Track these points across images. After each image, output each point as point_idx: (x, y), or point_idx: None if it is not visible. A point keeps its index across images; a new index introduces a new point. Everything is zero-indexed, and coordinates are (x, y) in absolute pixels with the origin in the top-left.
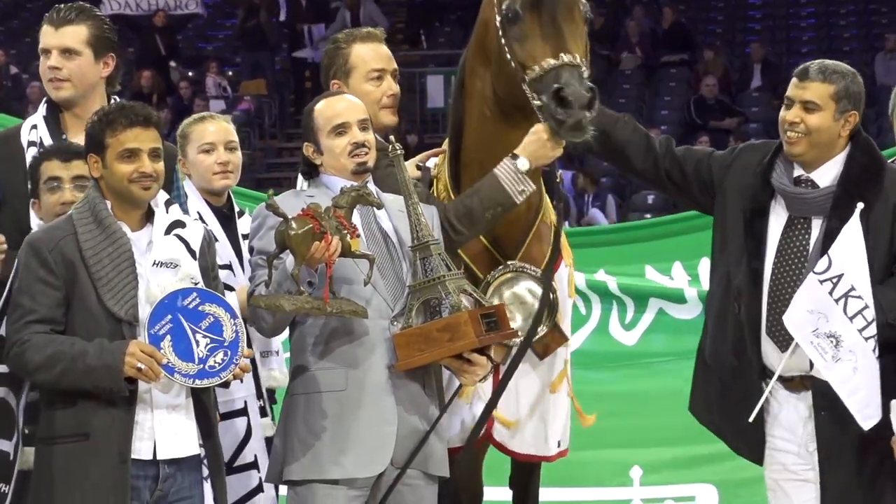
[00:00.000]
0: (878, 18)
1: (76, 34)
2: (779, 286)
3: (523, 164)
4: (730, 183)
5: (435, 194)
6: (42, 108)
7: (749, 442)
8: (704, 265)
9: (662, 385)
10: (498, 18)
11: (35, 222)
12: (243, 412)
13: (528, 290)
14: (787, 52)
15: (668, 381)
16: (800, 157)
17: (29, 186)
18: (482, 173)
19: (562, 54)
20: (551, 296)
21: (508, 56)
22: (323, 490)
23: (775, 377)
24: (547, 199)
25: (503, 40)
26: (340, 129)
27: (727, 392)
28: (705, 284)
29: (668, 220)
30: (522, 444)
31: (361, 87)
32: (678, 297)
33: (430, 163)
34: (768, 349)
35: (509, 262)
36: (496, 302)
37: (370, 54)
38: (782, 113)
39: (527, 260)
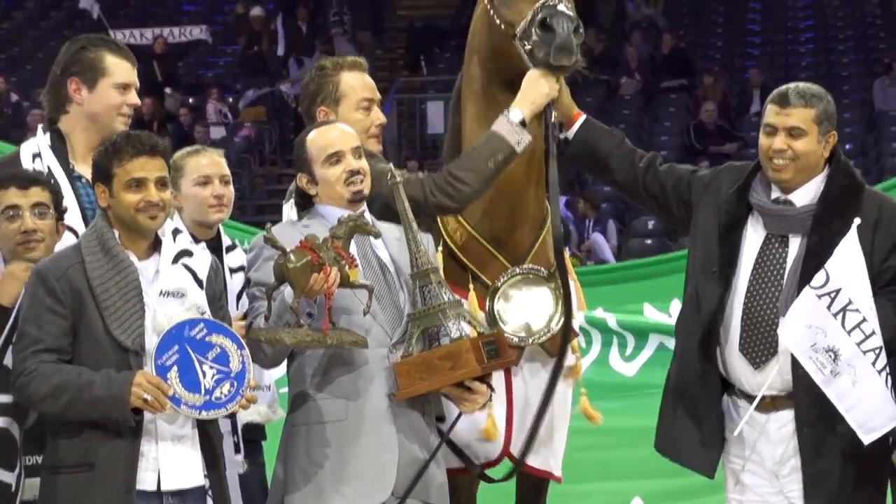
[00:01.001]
0: (877, 44)
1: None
2: (755, 303)
3: (516, 114)
4: (707, 200)
5: (440, 222)
6: (46, 137)
7: (705, 457)
8: None
9: None
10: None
11: None
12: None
13: (537, 291)
14: (786, 78)
15: None
16: (787, 183)
17: None
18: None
19: None
20: (563, 301)
21: (498, 21)
22: None
23: (758, 397)
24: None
25: (492, 12)
26: (334, 158)
27: (690, 405)
28: None
29: (665, 259)
30: (535, 457)
31: (351, 116)
32: None
33: None
34: (741, 366)
35: (518, 266)
36: (505, 305)
37: (359, 83)
38: (764, 141)
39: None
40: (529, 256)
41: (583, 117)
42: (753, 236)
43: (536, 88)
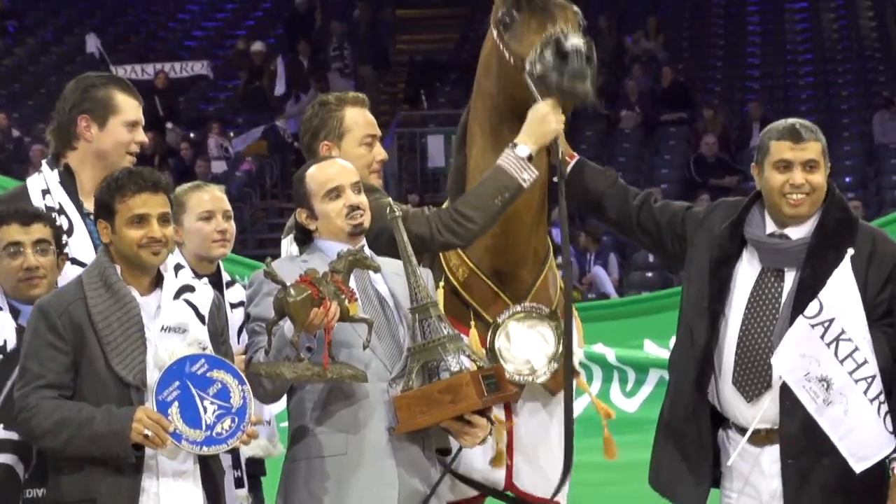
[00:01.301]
0: (876, 77)
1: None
2: (749, 337)
3: (523, 150)
4: (701, 236)
5: (442, 258)
6: (54, 174)
7: (694, 493)
8: None
9: None
10: (495, 32)
11: None
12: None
13: (538, 330)
14: (786, 111)
15: None
16: (804, 217)
17: None
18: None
19: (561, 25)
20: (564, 337)
21: (507, 56)
22: None
23: (751, 429)
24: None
25: (501, 47)
26: (334, 193)
27: (681, 440)
28: None
29: (665, 294)
30: (535, 486)
31: (355, 151)
32: None
33: None
34: (734, 400)
35: (520, 304)
36: (507, 343)
37: (362, 119)
38: (779, 177)
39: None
40: (531, 294)
41: (576, 158)
42: (748, 270)
43: (543, 124)
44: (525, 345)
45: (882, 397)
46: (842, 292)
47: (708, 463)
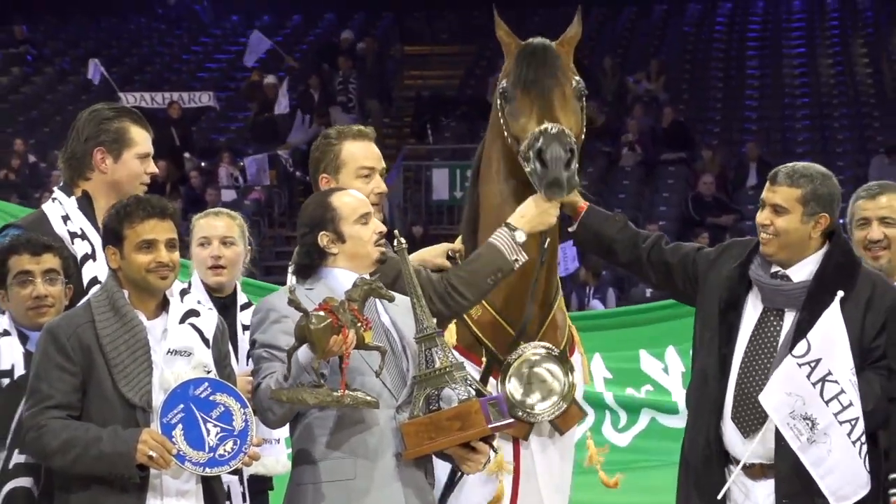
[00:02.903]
0: (870, 122)
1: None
2: (747, 373)
3: (521, 236)
4: (712, 276)
5: None
6: (72, 200)
7: None
8: None
9: (652, 486)
10: (498, 102)
11: None
12: (227, 497)
13: (547, 370)
14: (782, 153)
15: (658, 482)
16: (772, 257)
17: None
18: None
19: (546, 122)
20: (570, 375)
21: (506, 133)
22: None
23: (742, 463)
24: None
25: (503, 120)
26: (364, 219)
27: (699, 480)
28: None
29: (661, 306)
30: None
31: (351, 184)
32: (671, 409)
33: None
34: (732, 435)
35: (530, 344)
36: (516, 383)
37: (361, 152)
38: (757, 215)
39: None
40: (540, 334)
41: (587, 207)
42: (752, 310)
43: (542, 216)
44: (535, 384)
45: (863, 438)
46: (829, 334)
47: (723, 502)
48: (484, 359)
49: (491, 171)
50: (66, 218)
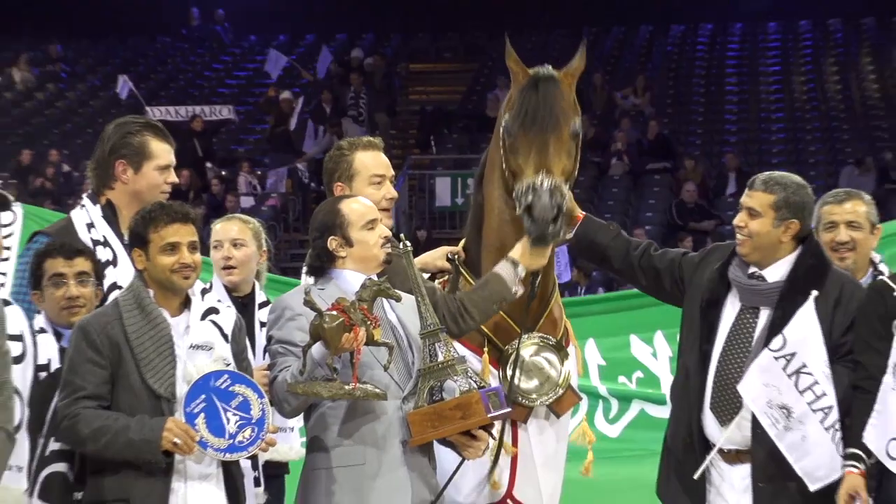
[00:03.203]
0: (841, 135)
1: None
2: (725, 366)
3: (521, 271)
4: (696, 279)
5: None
6: (97, 209)
7: None
8: None
9: (640, 476)
10: (501, 134)
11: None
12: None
13: (545, 358)
14: (759, 163)
15: (646, 472)
16: (747, 257)
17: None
18: (502, 255)
19: (541, 173)
20: (566, 363)
21: (504, 167)
22: None
23: (717, 447)
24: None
25: (502, 149)
26: (371, 225)
27: (679, 467)
28: None
29: None
30: (528, 499)
31: (364, 191)
32: (660, 400)
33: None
34: (710, 423)
35: (529, 334)
36: (517, 370)
37: (372, 161)
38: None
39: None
40: (539, 325)
41: (584, 217)
42: (731, 309)
43: (537, 257)
44: (533, 371)
45: (837, 426)
46: (804, 330)
47: (699, 484)
48: (486, 348)
49: (494, 176)
50: (90, 225)
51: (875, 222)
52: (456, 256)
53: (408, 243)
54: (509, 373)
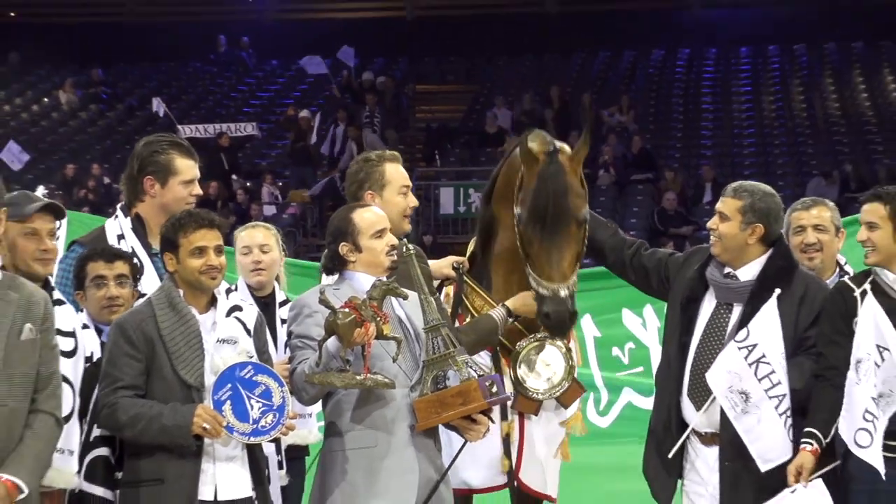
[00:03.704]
0: (806, 149)
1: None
2: (701, 356)
3: (510, 320)
4: (679, 278)
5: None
6: (127, 221)
7: (665, 489)
8: None
9: (627, 461)
10: (515, 217)
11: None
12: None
13: (550, 355)
14: (732, 174)
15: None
16: (718, 257)
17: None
18: (508, 269)
19: (557, 285)
20: (570, 359)
21: (518, 244)
22: None
23: (690, 429)
24: None
25: (517, 231)
26: (380, 233)
27: (660, 447)
28: None
29: None
30: (533, 482)
31: (394, 199)
32: (648, 391)
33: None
34: (687, 408)
35: (535, 334)
36: (526, 367)
37: (400, 173)
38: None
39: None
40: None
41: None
42: (708, 305)
43: (530, 307)
44: (540, 368)
45: (789, 412)
46: (766, 324)
47: (676, 464)
48: (497, 347)
49: (505, 203)
50: (120, 237)
51: (839, 226)
52: (461, 266)
53: (411, 248)
54: (518, 370)
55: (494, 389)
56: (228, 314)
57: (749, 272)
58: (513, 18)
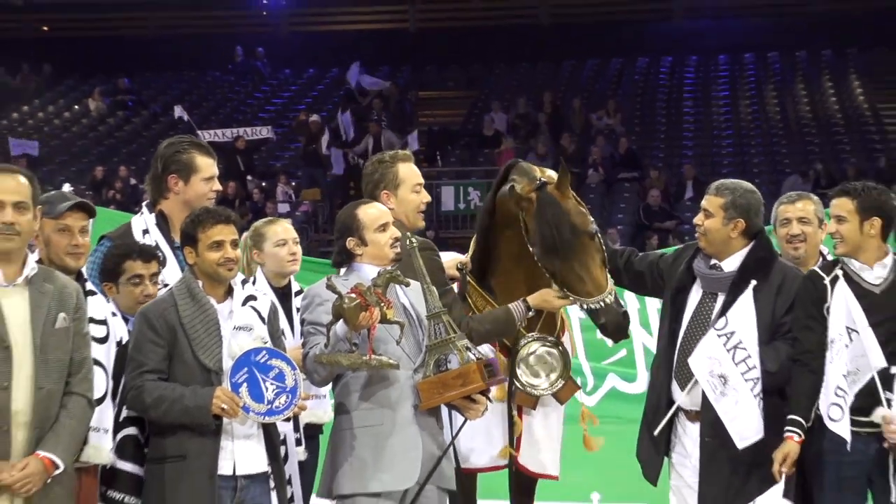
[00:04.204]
0: (780, 148)
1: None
2: (687, 341)
3: (531, 313)
4: (671, 273)
5: (469, 300)
6: (151, 217)
7: (653, 467)
8: None
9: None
10: (534, 255)
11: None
12: (283, 442)
13: (547, 354)
14: (712, 173)
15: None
16: (704, 250)
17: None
18: (507, 275)
19: (599, 297)
20: (565, 358)
21: (551, 279)
22: (365, 501)
23: (675, 405)
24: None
25: (539, 262)
26: (383, 227)
27: (650, 423)
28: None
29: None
30: (531, 465)
31: (408, 197)
32: (632, 378)
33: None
34: (675, 388)
35: (531, 333)
36: (524, 367)
37: (413, 171)
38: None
39: (543, 332)
40: (539, 325)
41: None
42: (695, 295)
43: (547, 304)
44: (538, 366)
45: (762, 395)
46: (743, 313)
47: (665, 439)
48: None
49: (507, 228)
50: (145, 231)
51: (822, 219)
52: (464, 267)
53: (415, 241)
54: (517, 369)
55: (492, 372)
56: (244, 303)
57: (732, 263)
58: (508, 30)
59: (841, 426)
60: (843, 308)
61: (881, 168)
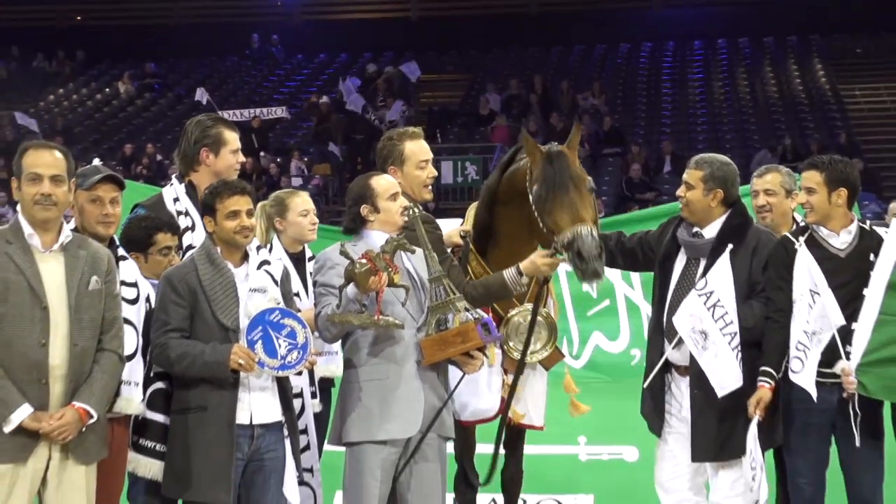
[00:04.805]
0: (749, 126)
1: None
2: (674, 302)
3: (524, 280)
4: (659, 243)
5: (469, 268)
6: (182, 186)
7: (656, 420)
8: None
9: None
10: (530, 196)
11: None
12: (300, 395)
13: (536, 324)
14: (688, 148)
15: (604, 395)
16: (687, 219)
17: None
18: (504, 252)
19: (579, 224)
20: (552, 330)
21: (541, 224)
22: (372, 448)
23: (663, 358)
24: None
25: (535, 213)
26: (394, 196)
27: (648, 383)
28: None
29: (627, 219)
30: (531, 421)
31: (413, 173)
32: (614, 333)
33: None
34: (666, 346)
35: (524, 304)
36: (514, 334)
37: (418, 148)
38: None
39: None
40: (528, 294)
41: None
42: (680, 261)
43: (537, 270)
44: (526, 335)
45: (739, 347)
46: (721, 274)
47: (662, 395)
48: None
49: (515, 205)
50: (176, 199)
51: (791, 189)
52: (468, 235)
53: (416, 211)
54: (509, 340)
55: (489, 330)
56: (259, 267)
57: (712, 230)
58: (502, 18)
59: (802, 377)
60: (805, 273)
61: (841, 143)
